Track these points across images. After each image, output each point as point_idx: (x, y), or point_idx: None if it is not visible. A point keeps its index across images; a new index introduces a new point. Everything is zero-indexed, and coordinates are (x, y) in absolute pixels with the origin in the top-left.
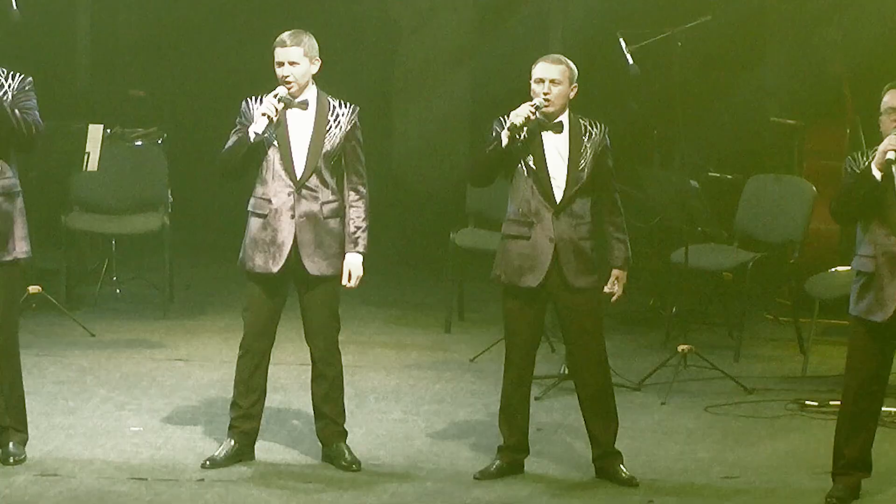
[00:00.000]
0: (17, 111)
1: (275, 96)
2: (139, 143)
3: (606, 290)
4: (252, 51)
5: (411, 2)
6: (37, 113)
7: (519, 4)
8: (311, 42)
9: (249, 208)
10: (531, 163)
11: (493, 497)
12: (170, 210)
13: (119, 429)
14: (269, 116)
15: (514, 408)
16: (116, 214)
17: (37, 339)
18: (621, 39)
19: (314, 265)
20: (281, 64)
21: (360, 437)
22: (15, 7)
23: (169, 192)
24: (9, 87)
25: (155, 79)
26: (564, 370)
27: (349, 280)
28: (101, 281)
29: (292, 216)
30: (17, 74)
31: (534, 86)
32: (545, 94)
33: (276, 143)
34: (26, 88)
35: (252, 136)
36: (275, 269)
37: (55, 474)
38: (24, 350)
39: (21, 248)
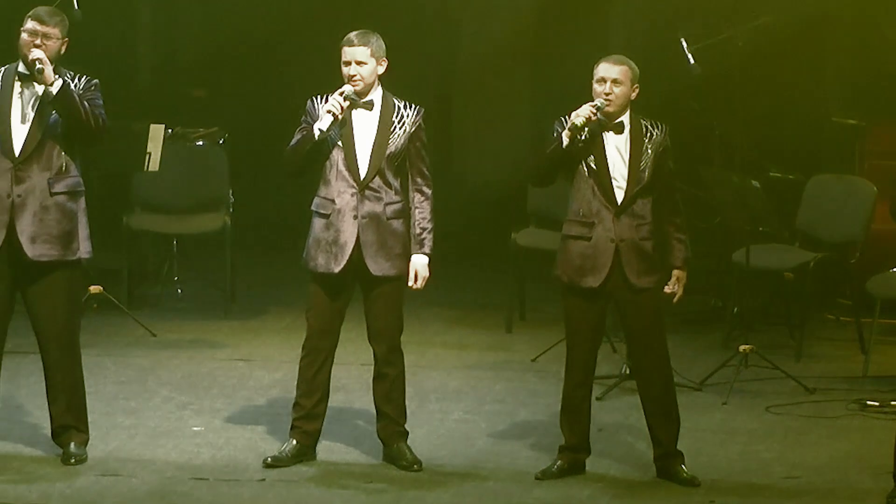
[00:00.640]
0: (85, 103)
1: (341, 94)
2: (200, 142)
3: (667, 290)
4: (314, 50)
5: (472, 2)
6: (102, 112)
7: (580, 3)
8: (378, 42)
9: (313, 208)
10: (592, 163)
11: (554, 497)
12: (231, 210)
13: (180, 429)
14: (333, 114)
15: (576, 408)
16: (178, 214)
17: (98, 339)
18: (682, 39)
19: (377, 266)
20: (348, 63)
21: (422, 437)
22: (76, 7)
23: (230, 191)
24: (75, 86)
25: (216, 78)
26: (626, 370)
27: (415, 281)
28: (162, 281)
29: (355, 216)
30: (84, 77)
31: (595, 86)
32: (606, 94)
33: (340, 143)
34: (92, 89)
35: (317, 132)
36: (336, 269)
37: (116, 474)
38: (86, 350)
39: (84, 247)
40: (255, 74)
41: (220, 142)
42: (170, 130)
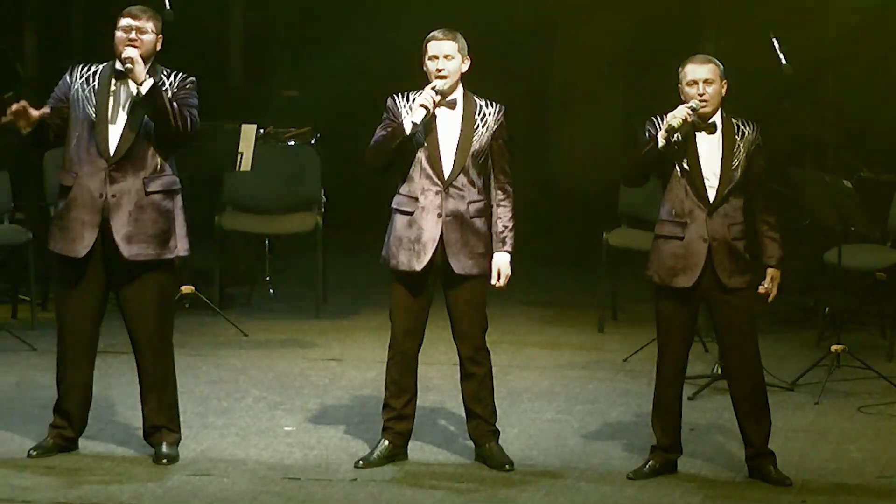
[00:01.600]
0: (174, 104)
1: (432, 88)
2: (292, 142)
3: (761, 290)
4: (404, 49)
5: (566, 2)
6: (194, 111)
7: (673, 4)
8: (462, 40)
9: (394, 206)
10: (685, 163)
11: (646, 497)
12: (323, 210)
13: (272, 429)
14: (426, 107)
15: (667, 408)
16: (270, 214)
17: (190, 339)
18: (774, 39)
19: (460, 264)
20: (435, 57)
21: (513, 436)
22: (168, 7)
23: (322, 191)
24: (169, 84)
25: (308, 78)
26: (717, 370)
27: (498, 279)
28: (254, 281)
29: (439, 215)
30: (180, 73)
31: (686, 88)
32: (700, 94)
33: (424, 142)
34: (187, 87)
35: (409, 125)
36: (418, 268)
37: (208, 474)
38: (178, 350)
39: (182, 245)
40: (346, 74)
41: (312, 142)
42: (262, 130)
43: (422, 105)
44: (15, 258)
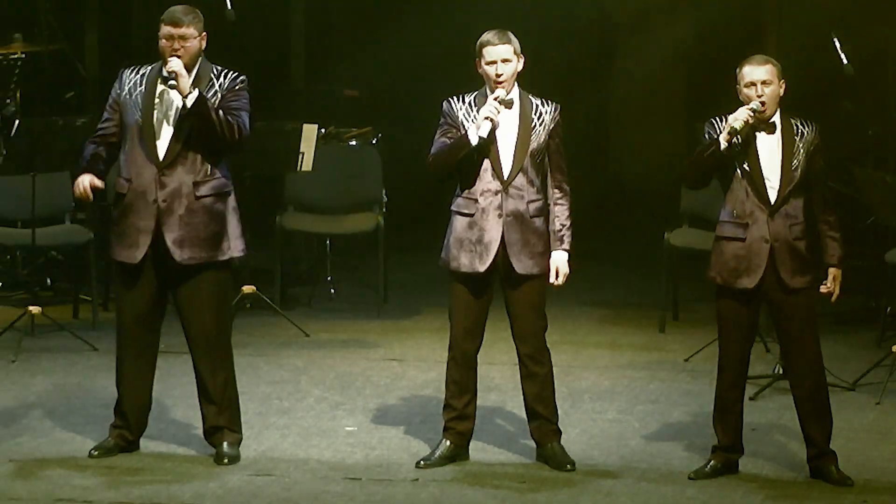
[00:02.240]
0: (221, 112)
1: (496, 98)
2: (353, 142)
3: (823, 289)
4: (464, 50)
5: (629, 2)
6: (244, 115)
7: (735, 5)
8: (516, 40)
9: (454, 208)
10: (745, 165)
11: (708, 497)
12: (384, 210)
13: (333, 429)
14: (492, 119)
15: (728, 408)
16: (331, 214)
17: (251, 339)
18: (835, 39)
19: (521, 264)
20: (493, 62)
21: (575, 436)
22: (229, 7)
23: (383, 191)
24: (219, 86)
25: (369, 78)
26: (778, 370)
27: (556, 278)
28: (315, 281)
29: (500, 215)
30: (230, 73)
31: (745, 90)
32: (759, 96)
33: (486, 147)
34: (236, 88)
35: (475, 139)
36: (481, 269)
37: (269, 474)
38: (239, 350)
39: (237, 246)
40: (407, 74)
41: (373, 142)
42: (323, 130)
43: (487, 118)
44: (76, 258)
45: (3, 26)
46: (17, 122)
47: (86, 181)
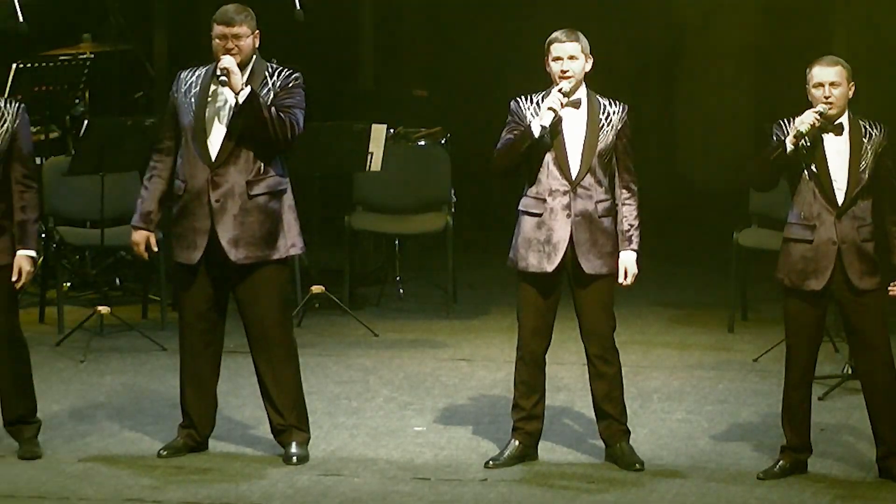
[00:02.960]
0: (273, 110)
1: (559, 90)
2: (422, 142)
3: (892, 292)
4: (532, 50)
5: (697, 3)
6: (298, 112)
7: (802, 5)
8: (585, 40)
9: (521, 208)
10: (813, 166)
11: (777, 497)
12: (453, 210)
13: (402, 429)
14: (554, 110)
15: (796, 408)
16: (400, 214)
17: (320, 339)
18: None
19: (589, 264)
20: (559, 59)
21: (644, 436)
22: (298, 7)
23: (452, 191)
24: (272, 84)
25: (438, 78)
26: (847, 370)
27: (624, 278)
28: (384, 281)
29: (568, 215)
30: (285, 70)
31: (813, 91)
32: (826, 97)
33: (551, 143)
34: (290, 85)
35: (537, 129)
36: (550, 269)
37: (338, 474)
38: (308, 350)
39: (294, 244)
40: (476, 74)
41: (442, 142)
42: (391, 130)
43: (549, 108)
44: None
45: (73, 27)
46: (85, 122)
47: (142, 246)
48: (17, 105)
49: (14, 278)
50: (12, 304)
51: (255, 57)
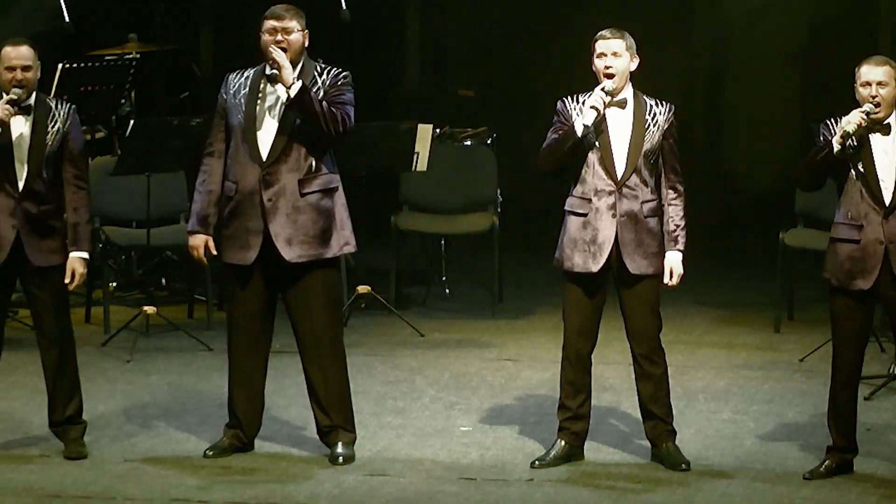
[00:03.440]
0: (324, 104)
1: (602, 89)
2: (468, 142)
3: None
4: (578, 49)
5: (742, 2)
6: (348, 108)
7: (850, 5)
8: (631, 38)
9: (567, 208)
10: (860, 166)
11: (823, 497)
12: (499, 210)
13: (448, 429)
14: (597, 108)
15: (842, 408)
16: (446, 214)
17: (366, 338)
18: None
19: (635, 264)
20: (603, 55)
21: (690, 436)
22: (344, 7)
23: (498, 191)
24: (322, 82)
25: (484, 78)
26: (893, 370)
27: (670, 278)
28: (430, 281)
29: (613, 215)
30: (333, 70)
31: (861, 90)
32: (873, 96)
33: (596, 143)
34: (339, 83)
35: (580, 128)
36: (595, 269)
37: (384, 474)
38: (354, 350)
39: (347, 242)
40: (522, 74)
41: (488, 141)
42: (437, 130)
43: (592, 107)
44: (191, 258)
45: (119, 27)
46: (132, 122)
47: (201, 250)
48: (68, 106)
49: (66, 280)
50: (63, 305)
51: (304, 56)
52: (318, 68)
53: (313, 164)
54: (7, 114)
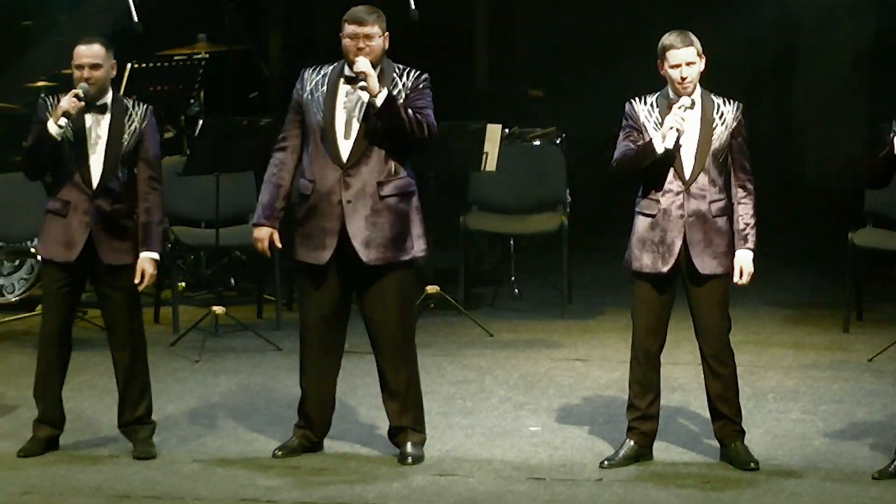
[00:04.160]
0: (410, 111)
1: (679, 107)
2: (537, 142)
3: None
4: (647, 48)
5: (812, 2)
6: (429, 112)
7: None
8: (697, 41)
9: (637, 208)
10: None
11: (892, 497)
12: (568, 210)
13: (517, 429)
14: (677, 129)
15: None
16: (515, 214)
17: (435, 339)
18: None
19: (704, 264)
20: (678, 66)
21: (759, 436)
22: (413, 7)
23: (567, 191)
24: (403, 85)
25: (553, 78)
26: None
27: (740, 277)
28: (499, 281)
29: (682, 216)
30: (413, 71)
31: None
32: None
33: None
34: (420, 87)
35: (661, 149)
36: (664, 269)
37: (453, 474)
38: (423, 350)
39: (419, 246)
40: (590, 74)
41: (557, 141)
42: (507, 130)
43: (672, 127)
44: (260, 258)
45: (188, 27)
46: (200, 122)
47: (265, 242)
48: (145, 107)
49: (136, 280)
50: (135, 306)
51: (383, 58)
52: (398, 69)
53: (393, 167)
54: (73, 105)
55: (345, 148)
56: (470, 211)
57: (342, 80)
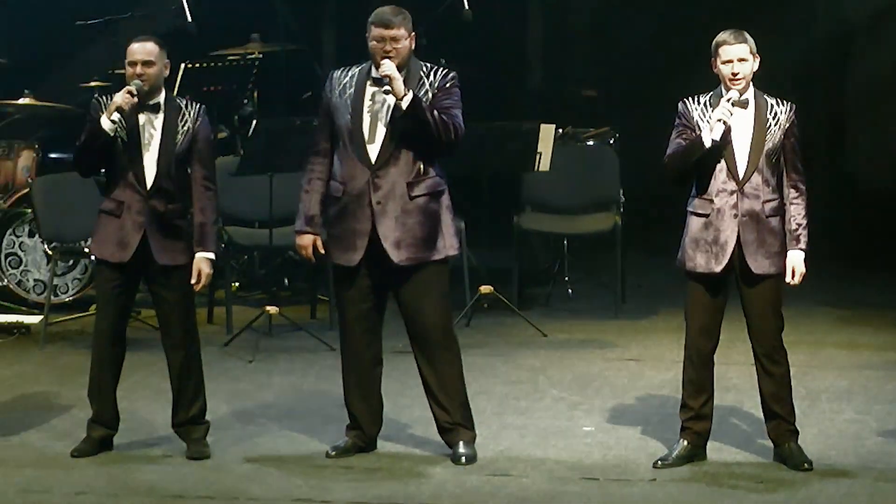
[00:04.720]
0: (436, 113)
1: (728, 100)
2: (591, 142)
3: None
4: (700, 48)
5: (866, 3)
6: (457, 112)
7: None
8: (751, 39)
9: (690, 208)
10: None
11: None
12: (622, 210)
13: (571, 429)
14: (725, 122)
15: None
16: (568, 214)
17: (488, 339)
18: None
19: (757, 264)
20: (729, 62)
21: (812, 436)
22: (466, 7)
23: (621, 191)
24: (430, 84)
25: (607, 78)
26: None
27: (793, 277)
28: (552, 281)
29: (735, 215)
30: (440, 70)
31: None
32: None
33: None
34: (447, 86)
35: (708, 142)
36: (717, 269)
37: (507, 474)
38: (476, 350)
39: (451, 245)
40: (644, 74)
41: (611, 141)
42: (560, 130)
43: (719, 120)
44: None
45: (241, 27)
46: (254, 122)
47: (310, 249)
48: (198, 106)
49: (192, 280)
50: (189, 306)
51: (409, 60)
52: (424, 69)
53: (422, 167)
54: (126, 101)
55: (373, 150)
56: (523, 211)
57: (369, 81)
